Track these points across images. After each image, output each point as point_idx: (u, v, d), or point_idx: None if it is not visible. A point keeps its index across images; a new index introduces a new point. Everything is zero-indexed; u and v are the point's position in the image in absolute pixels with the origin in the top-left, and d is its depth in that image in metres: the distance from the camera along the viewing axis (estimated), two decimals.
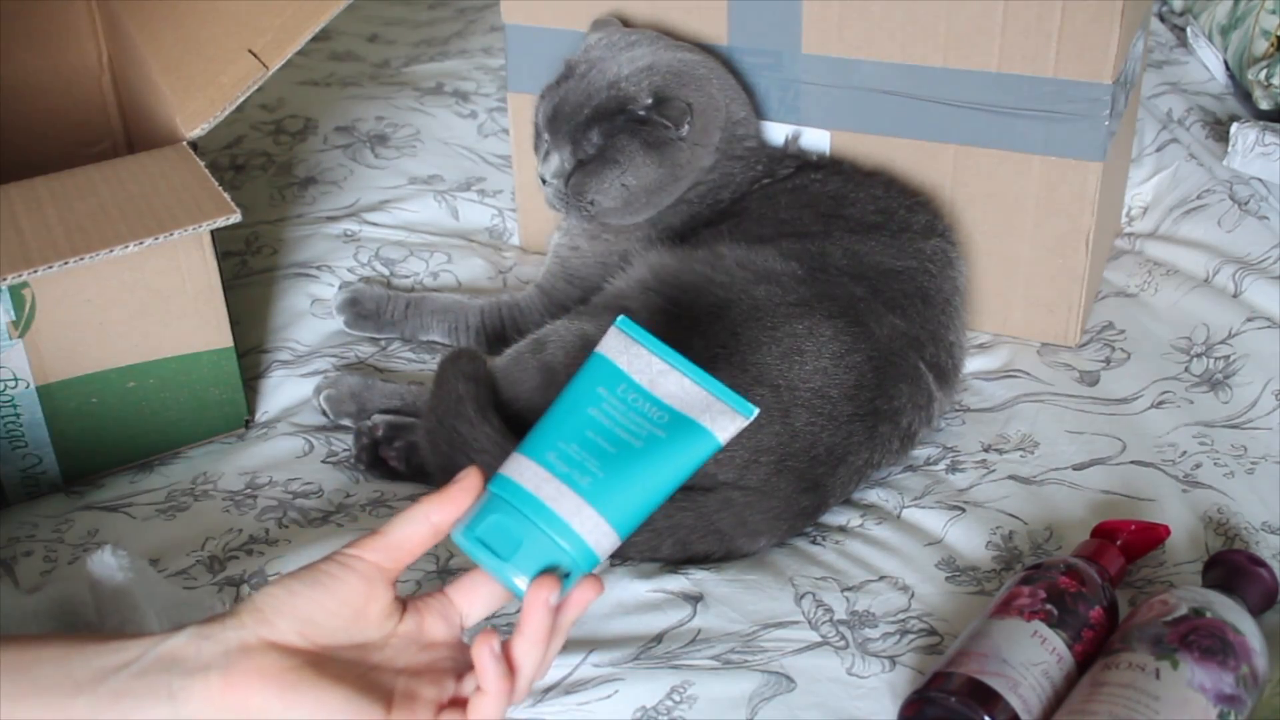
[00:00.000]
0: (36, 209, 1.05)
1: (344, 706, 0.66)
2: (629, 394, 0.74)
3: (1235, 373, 1.20)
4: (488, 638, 0.69)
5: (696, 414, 0.74)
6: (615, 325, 0.76)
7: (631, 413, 0.74)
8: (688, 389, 0.74)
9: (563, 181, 1.17)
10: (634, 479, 0.72)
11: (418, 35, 1.80)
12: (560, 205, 1.19)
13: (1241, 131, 1.38)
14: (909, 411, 1.08)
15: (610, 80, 1.16)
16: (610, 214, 1.18)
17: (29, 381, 1.06)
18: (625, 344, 0.76)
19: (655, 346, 0.75)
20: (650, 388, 0.74)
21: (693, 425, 0.74)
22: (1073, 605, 0.89)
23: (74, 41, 1.37)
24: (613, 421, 0.73)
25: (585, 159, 1.16)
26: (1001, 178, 1.21)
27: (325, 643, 0.68)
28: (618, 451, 0.72)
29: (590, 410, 0.74)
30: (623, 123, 1.15)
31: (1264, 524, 1.04)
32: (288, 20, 1.12)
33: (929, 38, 1.17)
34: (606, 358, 0.76)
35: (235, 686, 0.65)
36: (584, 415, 0.74)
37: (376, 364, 1.24)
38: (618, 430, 0.73)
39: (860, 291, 1.09)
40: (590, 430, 0.73)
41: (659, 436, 0.73)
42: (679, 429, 0.74)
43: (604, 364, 0.75)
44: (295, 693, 0.65)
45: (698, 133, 1.17)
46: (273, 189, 1.47)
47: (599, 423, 0.73)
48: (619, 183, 1.16)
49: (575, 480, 0.72)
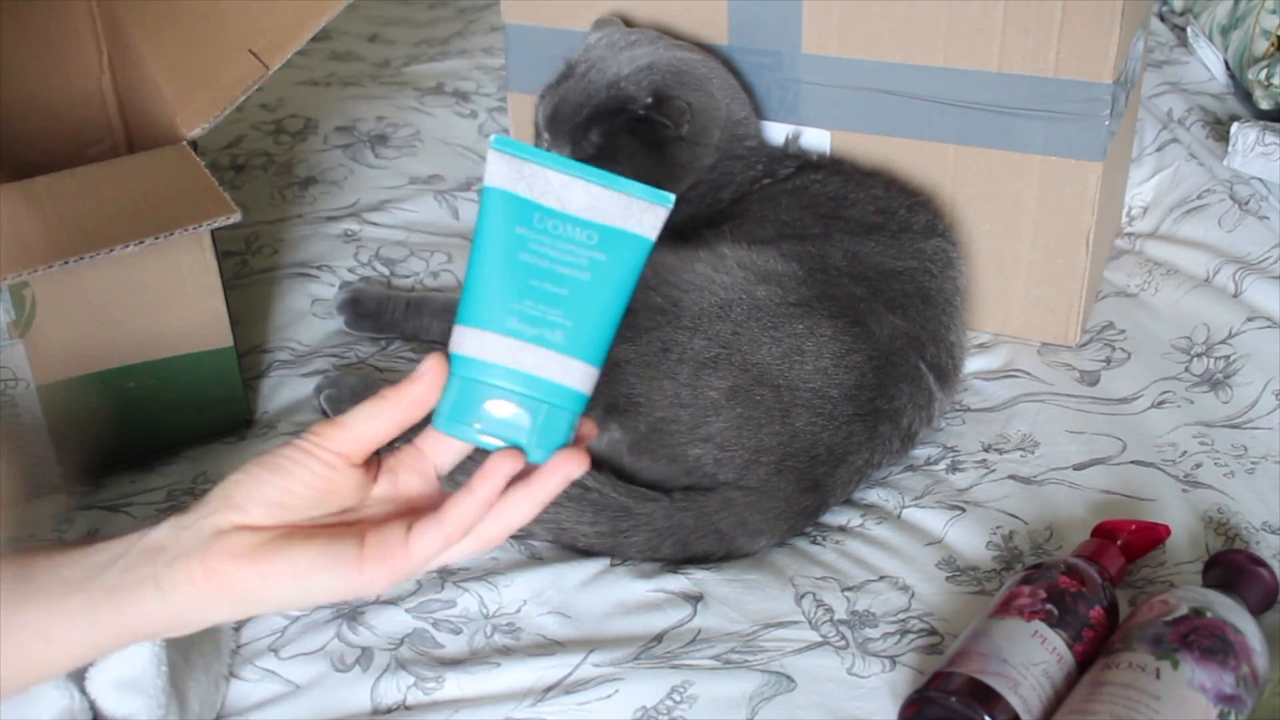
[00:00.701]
0: (37, 209, 1.05)
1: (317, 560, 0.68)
2: (548, 221, 0.70)
3: (1235, 373, 1.20)
4: None
5: (621, 221, 0.70)
6: (493, 148, 0.70)
7: (561, 242, 0.69)
8: (598, 196, 0.70)
9: None
10: (598, 313, 0.70)
11: (418, 35, 1.80)
12: None
13: (1242, 131, 1.38)
14: (909, 411, 1.08)
15: (610, 80, 1.16)
16: None
17: (29, 381, 1.06)
18: (516, 166, 0.70)
19: (544, 159, 0.70)
20: (562, 207, 0.70)
21: (624, 235, 0.70)
22: (1073, 605, 0.89)
23: (74, 41, 1.37)
24: (549, 260, 0.69)
25: (585, 158, 1.16)
26: (1001, 178, 1.21)
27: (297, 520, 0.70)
28: (571, 291, 0.69)
29: (522, 256, 0.69)
30: (622, 122, 1.15)
31: (1264, 524, 1.04)
32: (288, 20, 1.12)
33: (929, 38, 1.17)
34: (504, 190, 0.70)
35: (214, 570, 0.67)
36: (518, 264, 0.69)
37: (377, 364, 1.24)
38: (559, 268, 0.69)
39: (861, 292, 1.09)
40: (534, 279, 0.69)
41: (600, 260, 0.70)
42: (614, 244, 0.70)
43: (505, 198, 0.70)
44: (269, 563, 0.67)
45: (697, 132, 1.17)
46: (273, 189, 1.47)
47: (538, 267, 0.69)
48: None
49: (549, 339, 0.69)
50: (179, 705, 0.86)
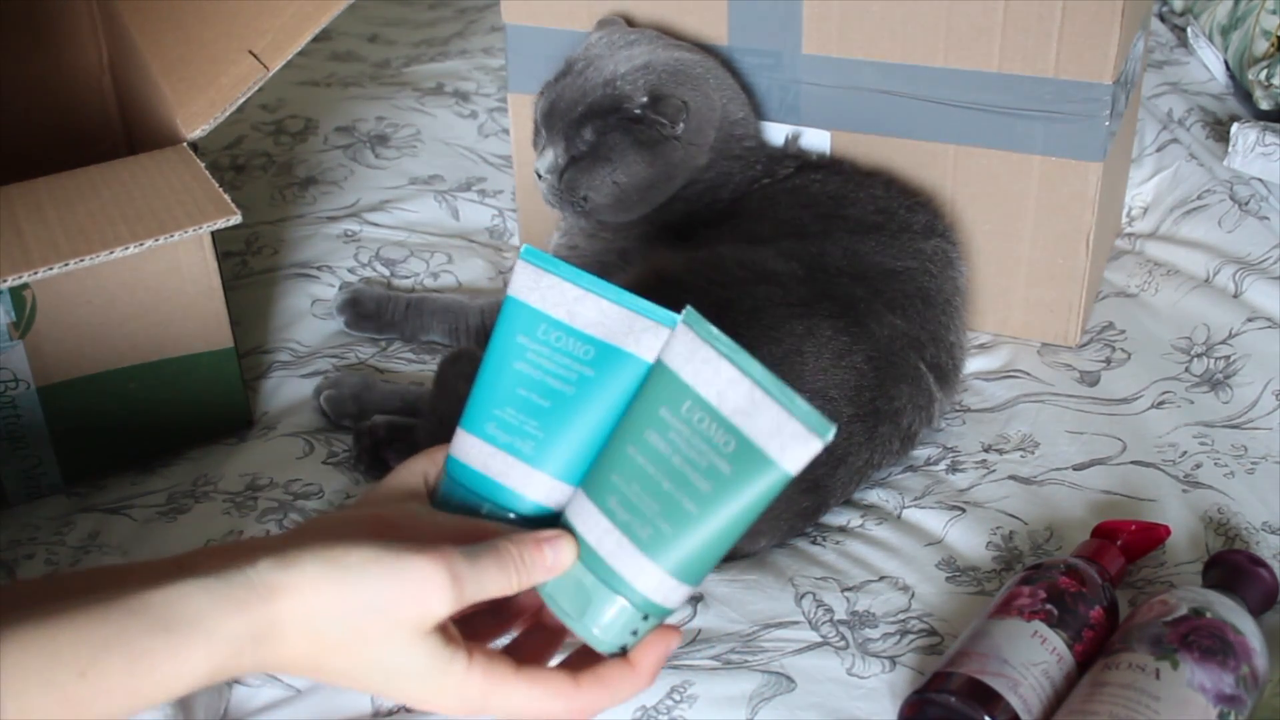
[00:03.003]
0: (37, 210, 1.05)
1: None
2: (550, 334, 0.69)
3: (1236, 373, 1.20)
4: None
5: (620, 339, 0.68)
6: (520, 258, 0.70)
7: (557, 355, 0.69)
8: (607, 312, 0.69)
9: (556, 177, 1.17)
10: (573, 429, 0.68)
11: (418, 35, 1.80)
12: (554, 201, 1.19)
13: (1242, 131, 1.38)
14: (909, 412, 1.08)
15: (606, 78, 1.16)
16: (603, 210, 1.18)
17: (29, 382, 1.06)
18: (535, 277, 0.70)
19: (567, 272, 0.70)
20: (570, 320, 0.69)
21: (617, 353, 0.68)
22: (1073, 605, 0.90)
23: (74, 41, 1.37)
24: (541, 371, 0.69)
25: (578, 155, 1.16)
26: (1001, 178, 1.21)
27: None
28: (552, 404, 0.68)
29: (516, 365, 0.69)
30: (615, 121, 1.15)
31: (1264, 524, 1.04)
32: (288, 21, 1.12)
33: (929, 38, 1.17)
34: (519, 300, 0.70)
35: None
36: (511, 372, 0.69)
37: (377, 365, 1.24)
38: (548, 379, 0.69)
39: (860, 292, 1.09)
40: (522, 387, 0.69)
41: (588, 376, 0.68)
42: (606, 361, 0.68)
43: (518, 308, 0.70)
44: None
45: (692, 132, 1.17)
46: (273, 189, 1.47)
47: (528, 376, 0.69)
48: (610, 180, 1.16)
49: (518, 448, 0.68)
50: (184, 712, 0.86)
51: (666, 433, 0.65)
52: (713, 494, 0.64)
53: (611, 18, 1.25)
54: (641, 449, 0.66)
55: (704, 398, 0.65)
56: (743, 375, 0.65)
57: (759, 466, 0.63)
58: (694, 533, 0.64)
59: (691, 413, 0.65)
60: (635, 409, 0.67)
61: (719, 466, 0.64)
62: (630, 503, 0.65)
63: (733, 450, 0.64)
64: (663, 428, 0.65)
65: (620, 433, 0.67)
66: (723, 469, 0.64)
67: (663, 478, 0.65)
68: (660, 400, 0.66)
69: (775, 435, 0.63)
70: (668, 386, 0.66)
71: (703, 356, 0.66)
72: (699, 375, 0.65)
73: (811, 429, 0.63)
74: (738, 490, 0.63)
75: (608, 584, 0.66)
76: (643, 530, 0.65)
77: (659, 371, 0.67)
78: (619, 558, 0.65)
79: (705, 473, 0.64)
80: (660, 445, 0.65)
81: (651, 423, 0.66)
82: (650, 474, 0.65)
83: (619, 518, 0.65)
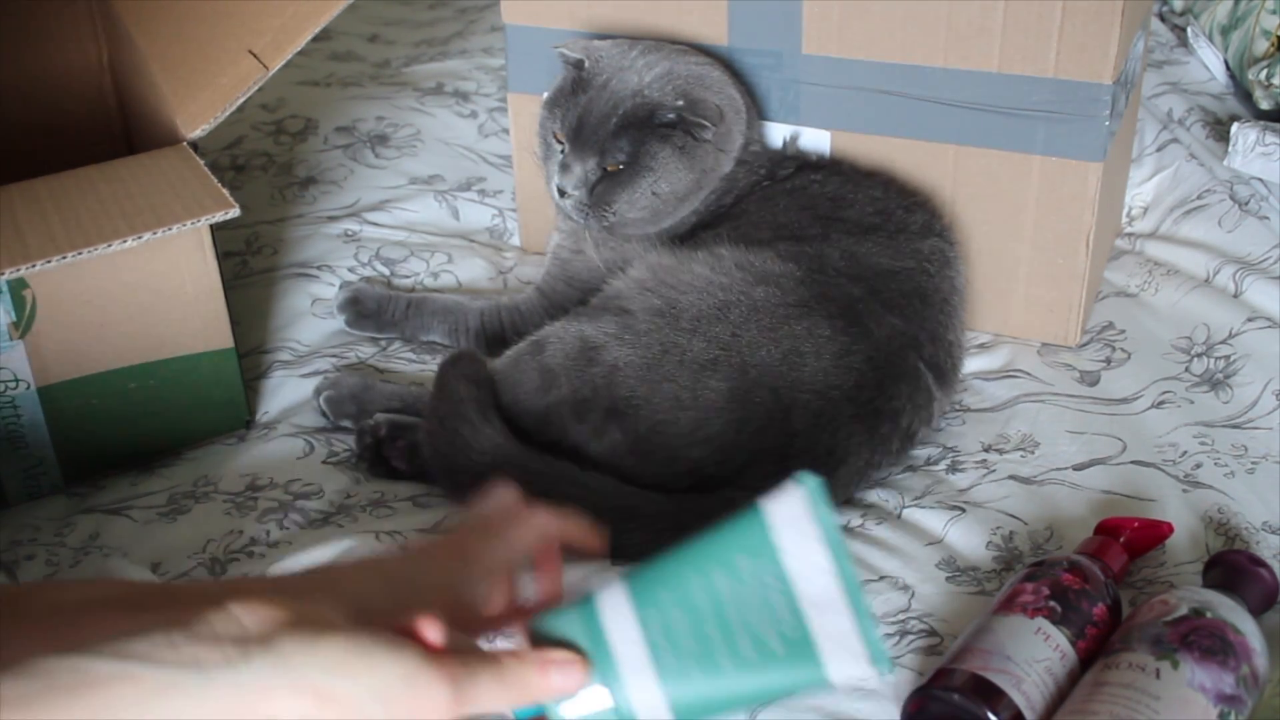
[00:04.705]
0: (36, 208, 1.05)
1: None
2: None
3: (1235, 373, 1.20)
4: None
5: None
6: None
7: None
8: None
9: (586, 192, 1.16)
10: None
11: (418, 35, 1.80)
12: (581, 216, 1.18)
13: (1242, 131, 1.38)
14: (909, 411, 1.08)
15: (634, 89, 1.16)
16: (632, 225, 1.18)
17: (30, 382, 1.06)
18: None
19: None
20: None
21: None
22: (1076, 602, 0.90)
23: (74, 41, 1.37)
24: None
25: (613, 169, 1.15)
26: (1001, 178, 1.21)
27: None
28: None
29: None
30: (651, 129, 1.15)
31: (1264, 524, 1.04)
32: (288, 21, 1.12)
33: (929, 38, 1.17)
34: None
35: None
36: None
37: (377, 364, 1.24)
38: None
39: (859, 292, 1.09)
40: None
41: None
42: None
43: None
44: None
45: (721, 137, 1.17)
46: (273, 189, 1.47)
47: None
48: (650, 191, 1.15)
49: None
50: None
51: (735, 583, 0.63)
52: (754, 664, 0.62)
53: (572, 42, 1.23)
54: (704, 583, 0.63)
55: (786, 571, 0.63)
56: (832, 569, 0.63)
57: (808, 663, 0.62)
58: (717, 688, 0.62)
59: (767, 577, 0.63)
60: (715, 542, 0.64)
61: (771, 643, 0.62)
62: (669, 628, 0.63)
63: (791, 635, 0.62)
64: (734, 576, 0.63)
65: (690, 555, 0.64)
66: (774, 647, 0.62)
67: (712, 623, 0.63)
68: (743, 549, 0.64)
69: (836, 643, 0.62)
70: (756, 540, 0.64)
71: (804, 530, 0.63)
72: (792, 546, 0.63)
73: (873, 658, 0.61)
74: (778, 672, 0.62)
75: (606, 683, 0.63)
76: (669, 658, 0.62)
77: (754, 519, 0.64)
78: (633, 670, 0.63)
79: (755, 641, 0.62)
80: (724, 590, 0.63)
81: (725, 565, 0.63)
82: (701, 612, 0.63)
83: (651, 635, 0.63)
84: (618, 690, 0.63)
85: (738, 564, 0.63)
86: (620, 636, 0.63)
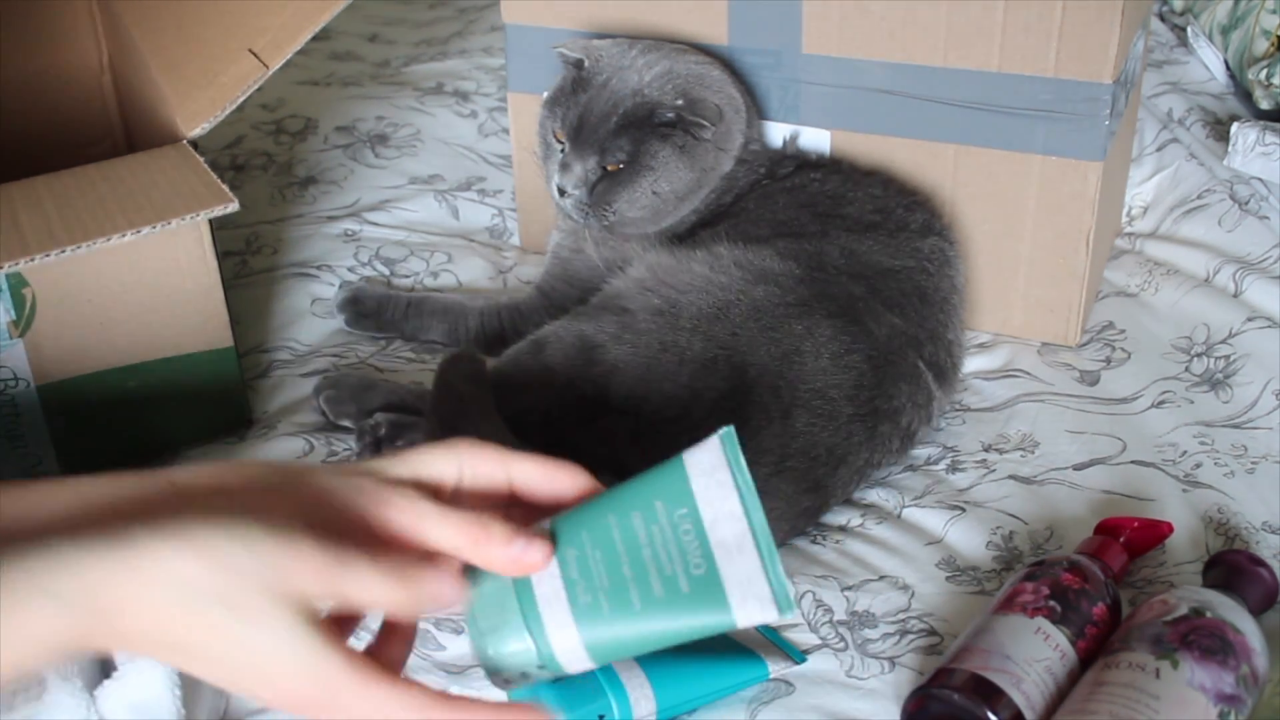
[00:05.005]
0: (36, 205, 1.05)
1: None
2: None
3: (1235, 372, 1.20)
4: None
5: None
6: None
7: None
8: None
9: (586, 191, 1.17)
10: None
11: (418, 35, 1.80)
12: (581, 216, 1.18)
13: (1242, 131, 1.38)
14: (908, 411, 1.08)
15: (634, 88, 1.16)
16: (632, 224, 1.18)
17: (29, 381, 1.06)
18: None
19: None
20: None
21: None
22: (1076, 602, 0.90)
23: (74, 41, 1.37)
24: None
25: (614, 168, 1.15)
26: (1001, 178, 1.21)
27: None
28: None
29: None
30: (651, 128, 1.15)
31: (1264, 524, 1.04)
32: (288, 20, 1.12)
33: (929, 38, 1.17)
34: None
35: None
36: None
37: (377, 364, 1.24)
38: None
39: (858, 291, 1.09)
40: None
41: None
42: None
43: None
44: None
45: (721, 137, 1.17)
46: (273, 189, 1.47)
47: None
48: (650, 190, 1.15)
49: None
50: (187, 710, 0.86)
51: (651, 524, 0.65)
52: (662, 602, 0.64)
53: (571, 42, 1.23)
54: (621, 525, 0.65)
55: (700, 515, 0.65)
56: (744, 516, 0.65)
57: (714, 604, 0.64)
58: (627, 625, 0.64)
59: (682, 521, 0.65)
60: (634, 487, 0.67)
61: (679, 582, 0.64)
62: (586, 566, 0.65)
63: (700, 575, 0.64)
64: (650, 518, 0.65)
65: (609, 499, 0.67)
66: (682, 586, 0.64)
67: (626, 561, 0.65)
68: (661, 493, 0.66)
69: (742, 586, 0.64)
70: (674, 485, 0.66)
71: (719, 479, 0.66)
72: (706, 492, 0.65)
73: (776, 600, 0.63)
74: (685, 612, 0.64)
75: (526, 621, 0.65)
76: (584, 596, 0.64)
77: (674, 468, 0.67)
78: (550, 606, 0.64)
79: (665, 580, 0.64)
80: (639, 531, 0.65)
81: (642, 507, 0.66)
82: (617, 551, 0.65)
83: (569, 573, 0.65)
84: (535, 625, 0.64)
85: (656, 508, 0.66)
86: (540, 574, 0.65)
